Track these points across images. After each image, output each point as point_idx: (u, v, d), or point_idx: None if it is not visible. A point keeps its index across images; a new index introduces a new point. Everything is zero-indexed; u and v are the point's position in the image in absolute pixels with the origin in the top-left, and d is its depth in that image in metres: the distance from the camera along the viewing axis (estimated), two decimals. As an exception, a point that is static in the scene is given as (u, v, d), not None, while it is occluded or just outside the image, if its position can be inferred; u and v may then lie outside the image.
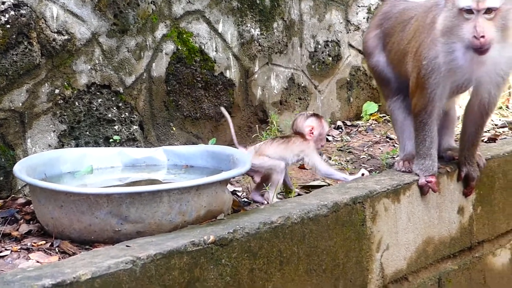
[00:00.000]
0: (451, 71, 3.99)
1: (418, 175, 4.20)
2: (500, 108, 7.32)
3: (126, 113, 4.87)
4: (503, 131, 6.24)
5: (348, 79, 6.60)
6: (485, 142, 5.59)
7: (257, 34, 5.67)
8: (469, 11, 3.79)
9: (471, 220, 4.59)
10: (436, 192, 4.23)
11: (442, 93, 4.09)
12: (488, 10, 3.79)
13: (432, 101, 4.08)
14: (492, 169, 4.76)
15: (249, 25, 5.60)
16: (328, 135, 6.00)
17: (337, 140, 5.77)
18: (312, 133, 4.33)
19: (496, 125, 6.57)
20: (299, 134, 4.34)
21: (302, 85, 6.14)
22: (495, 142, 5.41)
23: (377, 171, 4.70)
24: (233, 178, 4.44)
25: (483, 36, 3.74)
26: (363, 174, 4.31)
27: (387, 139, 5.88)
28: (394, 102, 4.53)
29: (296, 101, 6.09)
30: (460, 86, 4.10)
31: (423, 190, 4.18)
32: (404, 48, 4.26)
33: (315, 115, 4.44)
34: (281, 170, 4.16)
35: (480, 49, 3.79)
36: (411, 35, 4.20)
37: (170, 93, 5.15)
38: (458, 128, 4.82)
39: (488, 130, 6.22)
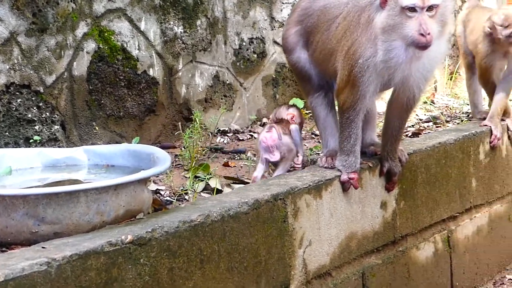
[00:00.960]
0: (388, 69, 4.01)
1: (340, 171, 4.22)
2: (425, 103, 7.41)
3: (47, 113, 4.80)
4: (427, 126, 6.32)
5: (274, 76, 6.61)
6: (409, 137, 5.65)
7: (181, 31, 5.64)
8: (413, 9, 3.82)
9: (394, 214, 4.63)
10: (357, 189, 4.25)
11: (373, 90, 4.12)
12: (430, 8, 3.84)
13: (362, 98, 4.09)
14: (414, 163, 4.80)
15: (172, 22, 5.57)
16: (254, 132, 6.01)
17: (262, 137, 5.76)
18: (294, 120, 4.58)
19: (421, 119, 6.65)
20: (280, 122, 4.58)
21: (227, 82, 6.13)
22: (418, 137, 5.46)
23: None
24: (155, 176, 4.42)
25: (429, 33, 3.79)
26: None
27: (313, 135, 5.90)
28: (316, 98, 4.54)
29: (222, 99, 6.08)
30: (391, 82, 4.12)
31: (344, 186, 4.20)
32: (332, 47, 4.25)
33: (295, 106, 4.84)
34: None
35: (425, 46, 3.84)
36: (340, 35, 4.19)
37: (92, 92, 5.09)
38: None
39: (412, 125, 6.29)
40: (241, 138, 5.83)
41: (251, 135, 5.93)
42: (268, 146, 4.41)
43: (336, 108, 4.52)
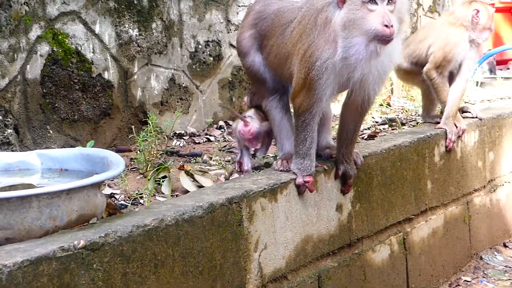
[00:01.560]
0: (348, 67, 3.98)
1: (295, 174, 4.22)
2: (381, 105, 7.45)
3: (0, 117, 4.74)
4: (383, 128, 6.34)
5: (230, 79, 6.60)
6: (365, 139, 5.67)
7: (136, 34, 5.61)
8: (374, 1, 3.83)
9: (350, 217, 4.64)
10: (312, 192, 4.25)
11: (330, 93, 4.11)
12: (390, 1, 3.86)
13: (319, 101, 4.09)
14: (370, 166, 4.82)
15: (127, 25, 5.54)
16: (210, 135, 6.00)
17: (218, 140, 5.75)
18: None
19: (376, 122, 6.68)
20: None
21: (183, 85, 6.11)
22: (374, 139, 5.48)
23: (256, 171, 4.70)
24: (110, 180, 4.39)
25: (392, 25, 3.80)
26: None
27: (269, 138, 5.89)
28: (271, 101, 4.54)
29: (178, 102, 6.05)
30: (349, 83, 4.11)
31: (300, 190, 4.20)
32: (288, 51, 4.24)
33: None
34: None
35: (388, 39, 3.83)
36: (295, 39, 4.18)
37: (46, 96, 5.04)
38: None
39: (368, 128, 6.31)
40: (197, 141, 5.81)
41: (208, 138, 5.91)
42: (247, 139, 4.67)
43: (292, 111, 4.52)
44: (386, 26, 3.80)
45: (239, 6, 6.60)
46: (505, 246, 6.38)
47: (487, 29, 5.80)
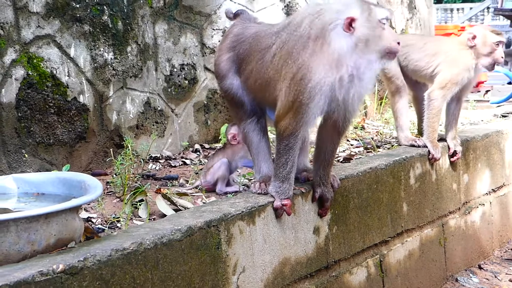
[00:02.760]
0: (342, 88, 4.07)
1: (273, 197, 4.22)
2: (356, 128, 7.48)
3: (-25, 141, 4.71)
4: (358, 151, 6.36)
5: (205, 102, 6.60)
6: (341, 162, 5.68)
7: (111, 58, 5.60)
8: (384, 19, 4.04)
9: (327, 239, 4.64)
10: (290, 216, 4.25)
11: (317, 116, 4.14)
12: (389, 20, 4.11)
13: (305, 125, 4.10)
14: (346, 188, 4.83)
15: (102, 49, 5.53)
16: (186, 159, 5.99)
17: (194, 164, 5.74)
18: (235, 139, 5.01)
19: (352, 145, 6.69)
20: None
21: (159, 108, 6.10)
22: (350, 162, 5.49)
23: (233, 194, 4.70)
24: (87, 204, 4.36)
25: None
26: None
27: (246, 161, 5.89)
28: (248, 124, 4.54)
29: (153, 125, 6.04)
30: (333, 105, 4.14)
31: (277, 213, 4.20)
32: (270, 77, 4.21)
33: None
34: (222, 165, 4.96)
35: (397, 52, 4.11)
36: (279, 64, 4.13)
37: (21, 119, 5.01)
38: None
39: (344, 150, 6.33)
40: (173, 165, 5.80)
41: (183, 162, 5.90)
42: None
43: (269, 133, 4.53)
44: (398, 42, 4.06)
45: (213, 29, 6.61)
46: (480, 268, 6.41)
47: (486, 55, 5.84)
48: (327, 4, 4.13)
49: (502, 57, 5.83)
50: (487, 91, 16.84)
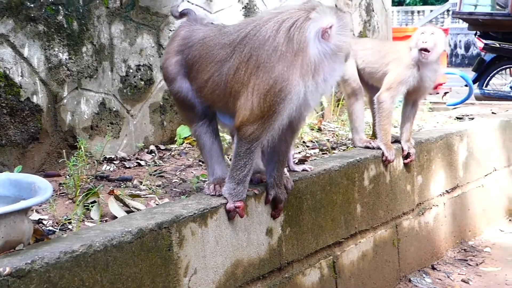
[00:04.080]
0: (315, 94, 4.14)
1: (226, 199, 4.22)
2: (312, 129, 7.51)
3: None
4: (314, 153, 6.39)
5: (162, 103, 6.59)
6: (296, 163, 5.70)
7: (66, 58, 5.57)
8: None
9: (280, 241, 4.66)
10: (243, 217, 4.26)
11: (284, 122, 4.15)
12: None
13: (271, 131, 4.12)
14: (300, 190, 4.85)
15: (56, 49, 5.50)
16: (141, 160, 5.97)
17: (149, 165, 5.73)
18: None
19: (307, 147, 6.72)
20: None
21: (114, 109, 6.08)
22: (304, 164, 5.51)
23: (186, 195, 4.70)
24: (38, 205, 4.34)
25: None
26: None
27: (200, 163, 5.89)
28: (200, 127, 4.53)
29: (108, 126, 6.02)
30: (303, 110, 4.20)
31: (230, 215, 4.21)
32: (236, 91, 4.19)
33: None
34: None
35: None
36: (245, 77, 4.11)
37: (-27, 120, 4.97)
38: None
39: (299, 152, 6.35)
40: (127, 166, 5.78)
41: (138, 163, 5.88)
42: None
43: (221, 134, 4.53)
44: None
45: (170, 30, 6.60)
46: (433, 268, 6.47)
47: (414, 47, 5.91)
48: (294, 12, 4.13)
49: (423, 42, 5.88)
50: (445, 93, 17.01)
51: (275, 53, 4.07)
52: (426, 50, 5.84)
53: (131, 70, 6.25)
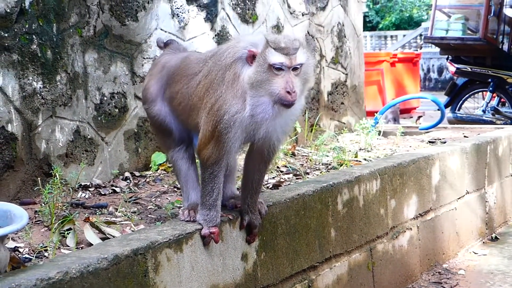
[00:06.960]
0: (255, 124, 4.11)
1: (201, 225, 4.26)
2: (286, 154, 7.56)
3: None
4: (287, 178, 6.44)
5: (136, 130, 6.62)
6: (270, 188, 5.75)
7: (40, 87, 5.59)
8: (279, 68, 3.95)
9: (255, 266, 4.69)
10: (218, 243, 4.30)
11: (238, 145, 4.20)
12: (295, 67, 3.99)
13: (227, 153, 4.17)
14: (274, 215, 4.89)
15: (31, 78, 5.52)
16: (116, 187, 5.99)
17: (124, 192, 5.75)
18: None
19: (281, 171, 6.76)
20: None
21: (89, 137, 6.10)
22: (278, 189, 5.56)
23: (161, 221, 4.73)
24: (14, 233, 4.35)
25: (294, 91, 3.92)
26: None
27: (175, 189, 5.92)
28: (177, 152, 4.59)
29: (83, 153, 6.04)
30: (255, 137, 4.20)
31: (205, 241, 4.24)
32: (193, 104, 4.31)
33: None
34: None
35: (290, 103, 3.99)
36: (201, 92, 4.23)
37: None
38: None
39: (273, 177, 6.40)
40: (103, 193, 5.79)
41: (113, 190, 5.90)
42: None
43: (198, 161, 4.57)
44: (289, 92, 3.94)
45: (144, 58, 6.65)
46: (408, 291, 6.52)
47: None
48: (246, 36, 4.21)
49: None
50: (419, 117, 17.16)
51: (221, 72, 4.16)
52: None
53: (105, 98, 6.28)
